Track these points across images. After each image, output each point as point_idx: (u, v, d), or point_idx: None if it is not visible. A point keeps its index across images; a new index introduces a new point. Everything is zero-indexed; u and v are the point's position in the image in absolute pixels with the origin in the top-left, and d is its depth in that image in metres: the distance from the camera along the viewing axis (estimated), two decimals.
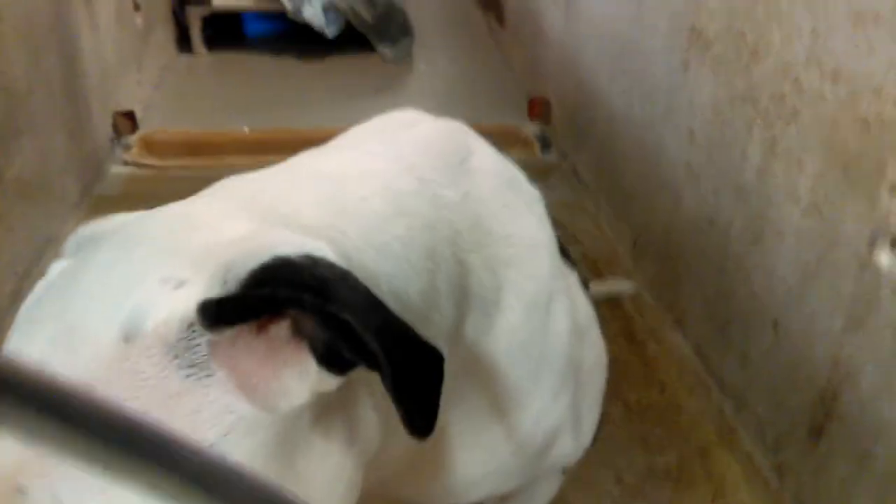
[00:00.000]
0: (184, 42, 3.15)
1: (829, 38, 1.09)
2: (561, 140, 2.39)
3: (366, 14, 3.04)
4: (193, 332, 0.44)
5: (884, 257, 1.00)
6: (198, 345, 0.44)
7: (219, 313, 0.44)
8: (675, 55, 1.57)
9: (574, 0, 2.24)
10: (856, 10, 1.04)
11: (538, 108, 2.52)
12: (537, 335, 0.68)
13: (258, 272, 0.44)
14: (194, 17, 3.08)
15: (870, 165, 1.01)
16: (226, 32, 3.25)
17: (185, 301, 0.44)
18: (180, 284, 0.45)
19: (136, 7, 2.59)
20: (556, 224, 0.75)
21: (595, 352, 0.79)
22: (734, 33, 1.35)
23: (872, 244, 1.01)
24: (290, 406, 0.46)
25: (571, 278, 0.77)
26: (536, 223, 0.71)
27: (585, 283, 0.86)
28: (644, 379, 1.47)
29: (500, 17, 3.29)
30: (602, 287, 1.63)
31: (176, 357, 0.44)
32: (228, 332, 0.44)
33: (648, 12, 1.71)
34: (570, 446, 0.77)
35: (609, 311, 1.64)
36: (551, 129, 2.47)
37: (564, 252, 0.78)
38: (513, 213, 0.69)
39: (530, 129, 2.49)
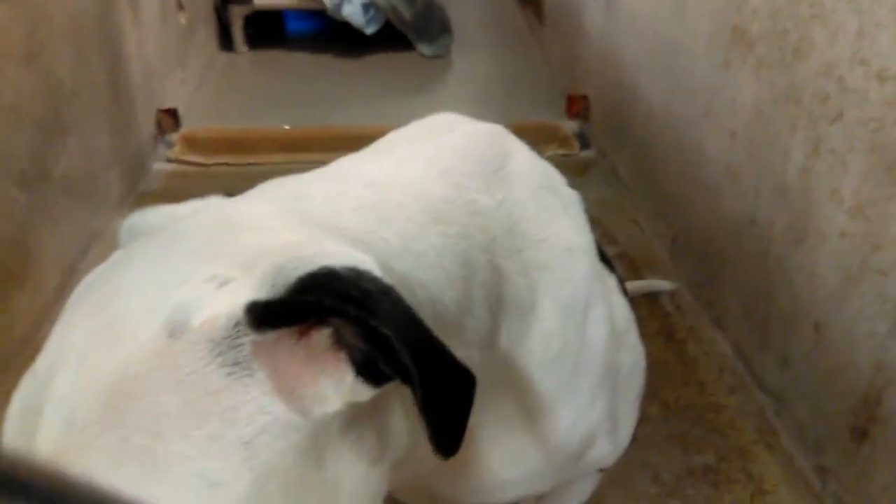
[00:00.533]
0: (226, 40, 3.18)
1: (874, 38, 1.08)
2: (599, 138, 2.38)
3: (405, 11, 3.05)
4: (238, 331, 0.45)
5: None
6: (241, 344, 0.45)
7: (266, 315, 0.45)
8: (716, 54, 1.56)
9: None
10: None
11: (577, 106, 2.51)
12: (574, 341, 0.68)
13: (306, 279, 0.45)
14: (236, 15, 3.12)
15: None
16: (267, 31, 3.28)
17: (233, 300, 0.45)
18: (226, 283, 0.46)
19: (180, 6, 2.62)
20: (594, 222, 0.75)
21: (633, 356, 0.79)
22: (777, 32, 1.33)
23: None
24: (324, 412, 0.47)
25: (610, 281, 0.77)
26: (574, 227, 0.71)
27: (622, 284, 0.85)
28: (683, 378, 1.47)
29: (539, 15, 3.28)
30: (638, 286, 1.63)
31: (219, 354, 0.44)
32: (272, 335, 0.45)
33: (690, 10, 1.70)
34: (607, 450, 0.77)
35: (648, 310, 1.63)
36: (590, 127, 2.46)
37: (603, 255, 0.77)
38: (550, 217, 0.69)
39: (569, 126, 2.48)
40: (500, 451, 0.69)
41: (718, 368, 1.49)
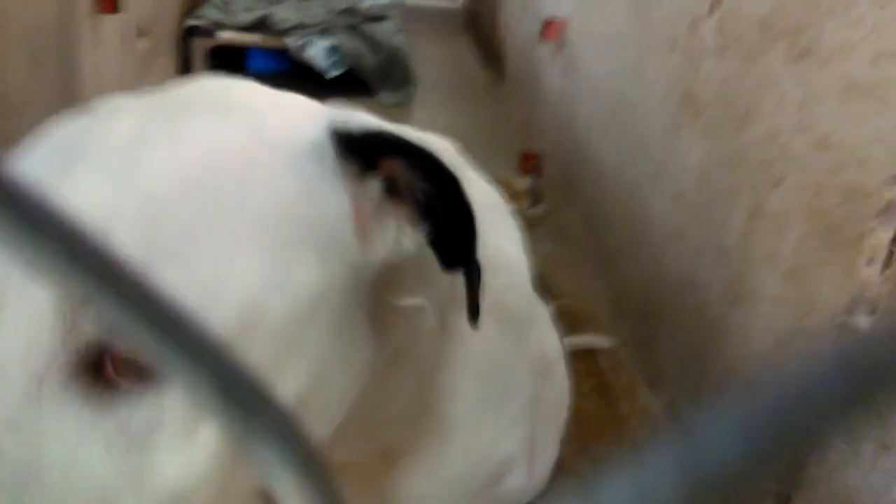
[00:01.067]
0: (186, 72, 3.17)
1: (817, 108, 1.11)
2: (550, 195, 2.41)
3: (369, 59, 3.08)
4: (322, 150, 0.47)
5: (861, 326, 1.00)
6: (324, 162, 0.47)
7: (346, 142, 0.48)
8: (667, 118, 1.59)
9: (574, 60, 2.27)
10: (845, 82, 1.05)
11: (530, 163, 2.54)
12: (506, 355, 0.67)
13: (370, 131, 0.48)
14: (199, 48, 3.11)
15: (850, 234, 1.02)
16: (229, 66, 3.27)
17: (312, 127, 0.48)
18: (300, 119, 0.49)
19: (141, 32, 2.61)
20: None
21: (558, 389, 0.78)
22: (727, 99, 1.36)
23: (849, 312, 1.01)
24: (372, 255, 0.49)
25: (543, 312, 0.76)
26: (518, 248, 0.71)
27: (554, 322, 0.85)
28: (614, 435, 1.46)
29: (500, 73, 3.33)
30: (577, 340, 1.62)
31: (302, 166, 0.46)
32: (346, 167, 0.48)
33: (646, 74, 1.73)
34: (523, 481, 0.76)
35: (584, 366, 1.63)
36: (542, 184, 2.48)
37: (539, 287, 0.77)
38: (499, 230, 0.69)
39: (521, 182, 2.50)
40: (418, 460, 0.67)
41: (650, 427, 1.48)
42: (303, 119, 0.49)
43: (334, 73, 3.04)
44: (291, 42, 3.01)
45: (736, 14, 1.35)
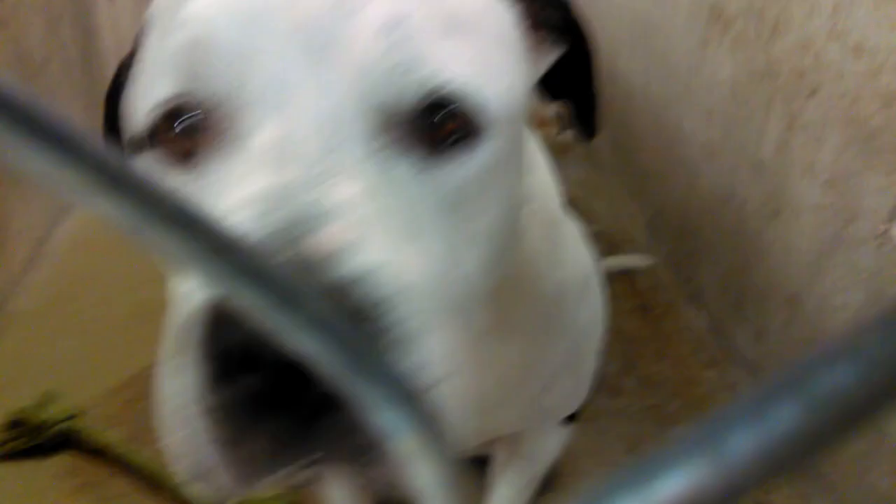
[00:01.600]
0: None
1: (850, 13, 1.09)
2: None
3: None
4: None
5: None
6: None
7: None
8: (695, 33, 1.57)
9: None
10: None
11: None
12: (549, 261, 0.67)
13: None
14: None
15: (890, 139, 1.01)
16: None
17: None
18: None
19: None
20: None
21: (594, 302, 0.77)
22: (755, 9, 1.34)
23: (892, 218, 1.01)
24: (532, 74, 0.55)
25: (574, 228, 0.76)
26: (545, 162, 0.71)
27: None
28: (660, 353, 1.47)
29: None
30: (616, 262, 1.63)
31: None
32: None
33: None
34: (568, 390, 0.76)
35: (625, 286, 1.64)
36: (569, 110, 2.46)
37: (574, 212, 0.78)
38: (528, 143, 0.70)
39: (548, 109, 2.48)
40: (478, 366, 0.65)
41: (695, 343, 1.50)
42: None
43: None
44: None
45: None
